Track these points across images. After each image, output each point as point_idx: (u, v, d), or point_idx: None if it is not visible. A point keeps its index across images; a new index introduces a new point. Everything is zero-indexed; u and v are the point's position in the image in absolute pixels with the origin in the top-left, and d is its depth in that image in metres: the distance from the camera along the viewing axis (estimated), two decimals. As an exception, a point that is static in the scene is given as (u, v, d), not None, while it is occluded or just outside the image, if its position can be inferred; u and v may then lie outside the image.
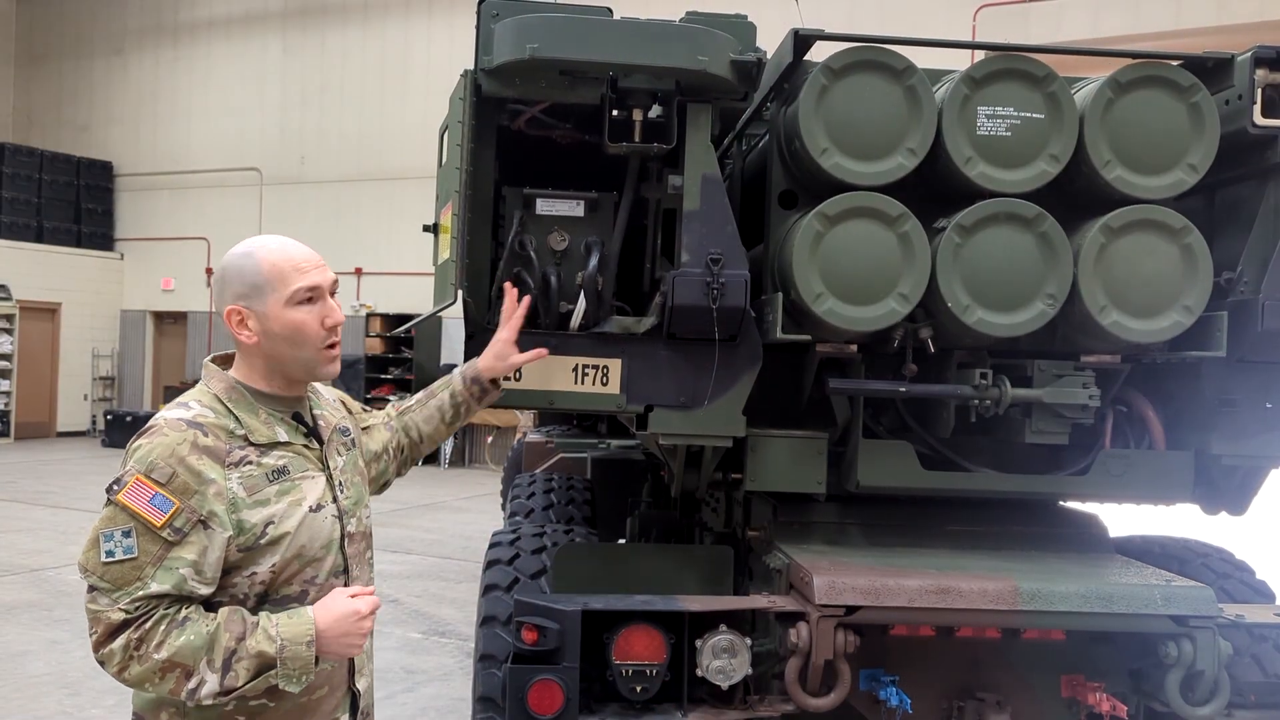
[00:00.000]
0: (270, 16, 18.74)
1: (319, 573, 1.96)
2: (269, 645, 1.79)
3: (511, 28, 2.97)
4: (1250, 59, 3.06)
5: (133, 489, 1.79)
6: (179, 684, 1.75)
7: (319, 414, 2.10)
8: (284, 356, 1.95)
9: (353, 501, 2.08)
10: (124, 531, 1.77)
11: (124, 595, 1.76)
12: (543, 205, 3.23)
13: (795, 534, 3.50)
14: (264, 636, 1.79)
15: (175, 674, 1.75)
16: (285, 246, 1.98)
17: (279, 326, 1.92)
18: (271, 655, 1.78)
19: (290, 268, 1.94)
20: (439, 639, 6.75)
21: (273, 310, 1.92)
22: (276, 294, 1.92)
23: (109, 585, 1.76)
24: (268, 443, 1.93)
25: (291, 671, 1.80)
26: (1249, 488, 3.47)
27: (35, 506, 11.43)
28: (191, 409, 1.90)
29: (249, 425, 1.92)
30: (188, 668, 1.75)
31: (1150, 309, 3.02)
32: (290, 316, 1.93)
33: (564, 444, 6.70)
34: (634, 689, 2.89)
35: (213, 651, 1.76)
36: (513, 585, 3.59)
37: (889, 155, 3.03)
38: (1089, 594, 2.92)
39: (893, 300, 2.99)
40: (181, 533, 1.79)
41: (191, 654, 1.75)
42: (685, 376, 3.14)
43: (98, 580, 1.78)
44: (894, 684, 2.94)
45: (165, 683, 1.75)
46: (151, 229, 19.67)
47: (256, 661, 1.78)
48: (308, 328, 1.94)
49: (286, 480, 1.92)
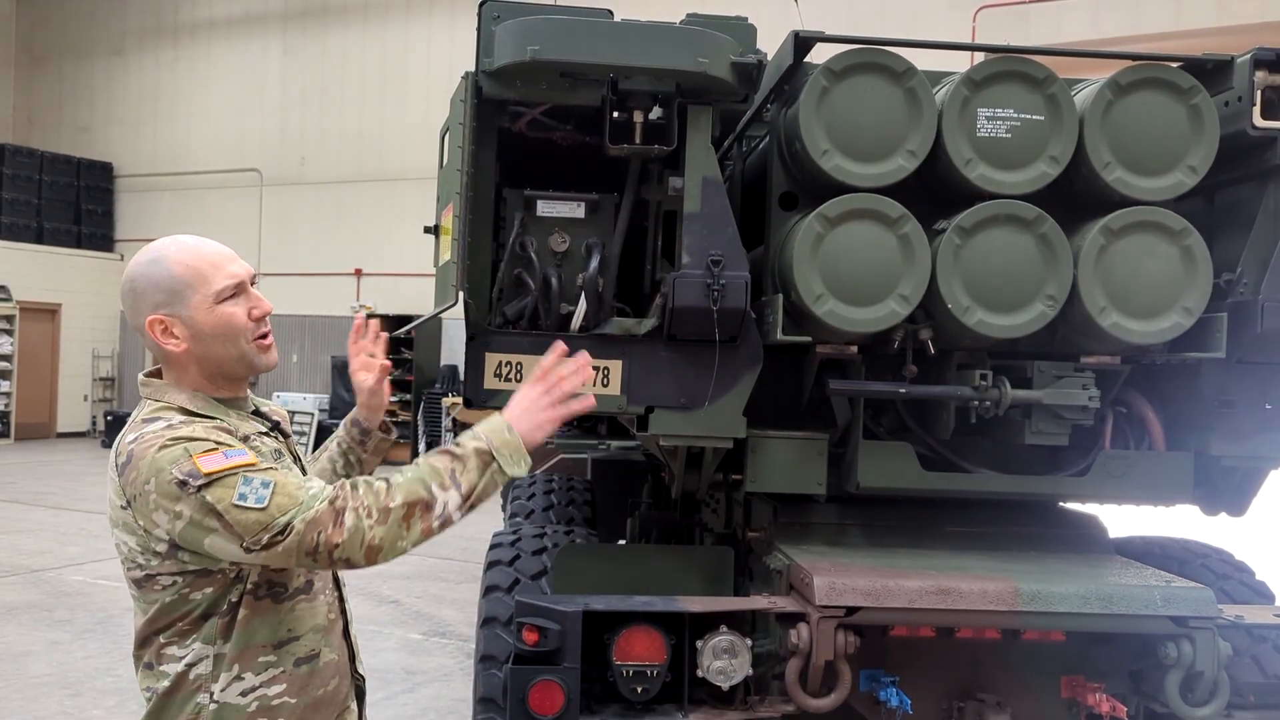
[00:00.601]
0: (270, 17, 18.75)
1: None
2: (479, 443, 1.86)
3: (512, 30, 2.97)
4: (1250, 61, 3.07)
5: (206, 461, 1.72)
6: (426, 519, 1.79)
7: (266, 410, 2.07)
8: (218, 356, 1.89)
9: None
10: (243, 481, 1.72)
11: (312, 501, 1.74)
12: (543, 207, 3.24)
13: (795, 535, 3.51)
14: (470, 440, 1.87)
15: (418, 512, 1.78)
16: (194, 246, 1.90)
17: (209, 326, 1.86)
18: (486, 449, 1.85)
19: (208, 266, 1.87)
20: (440, 640, 6.75)
21: (198, 312, 1.85)
22: (199, 294, 1.85)
23: (287, 512, 1.71)
24: (252, 433, 1.91)
25: (507, 456, 1.87)
26: (1248, 488, 3.48)
27: (35, 507, 11.43)
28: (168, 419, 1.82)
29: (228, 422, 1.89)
30: (425, 499, 1.79)
31: (1150, 310, 3.02)
32: (218, 314, 1.86)
33: (564, 445, 6.69)
34: (635, 690, 2.90)
35: (438, 476, 1.81)
36: (513, 586, 3.60)
37: (889, 157, 3.03)
38: (1089, 595, 2.92)
39: (893, 301, 2.99)
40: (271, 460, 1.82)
41: (421, 486, 1.79)
42: (686, 378, 3.14)
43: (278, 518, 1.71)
44: (894, 685, 2.94)
45: (414, 527, 1.79)
46: (152, 230, 19.61)
47: (476, 460, 1.84)
48: (237, 321, 1.88)
49: (284, 463, 1.91)
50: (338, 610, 2.04)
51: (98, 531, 9.69)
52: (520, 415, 1.92)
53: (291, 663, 1.91)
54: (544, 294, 3.17)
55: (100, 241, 19.83)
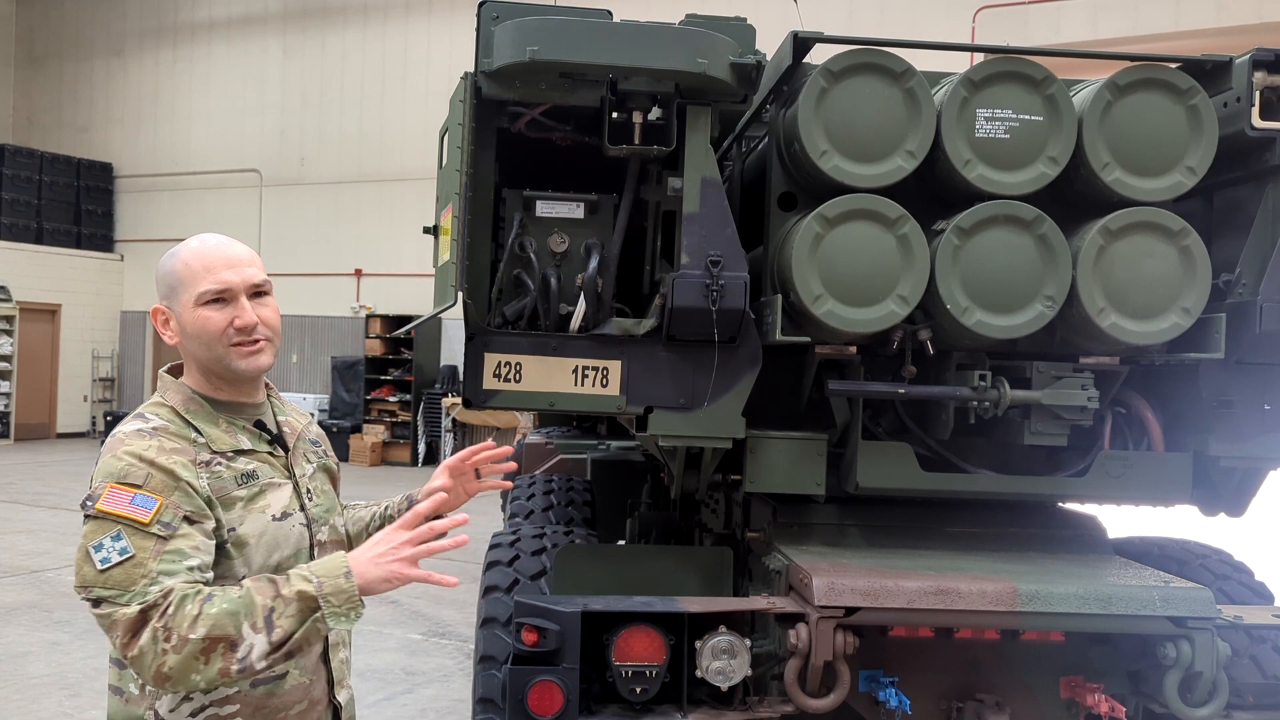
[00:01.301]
0: (270, 18, 18.75)
1: None
2: (306, 585, 1.70)
3: (511, 30, 2.97)
4: (1248, 61, 3.07)
5: (109, 496, 1.74)
6: (227, 659, 1.66)
7: (282, 420, 2.05)
8: (200, 355, 1.91)
9: (324, 509, 2.04)
10: (113, 536, 1.71)
11: (134, 596, 1.68)
12: (543, 207, 3.24)
13: (794, 535, 3.51)
14: (299, 579, 1.72)
15: (220, 649, 1.65)
16: (205, 246, 1.93)
17: (189, 326, 1.89)
18: (312, 593, 1.70)
19: (201, 267, 1.89)
20: (439, 640, 6.75)
21: (184, 310, 1.89)
22: (187, 294, 1.89)
23: (115, 590, 1.68)
24: (230, 450, 1.89)
25: (337, 607, 1.71)
26: (1247, 489, 3.48)
27: (35, 508, 11.43)
28: (150, 420, 1.86)
29: (209, 435, 1.88)
30: (231, 638, 1.65)
31: (1149, 311, 3.03)
32: (197, 316, 1.88)
33: (564, 445, 6.70)
34: (634, 690, 2.90)
35: (252, 614, 1.67)
36: (513, 586, 3.60)
37: (888, 157, 3.04)
38: (1088, 595, 2.92)
39: (892, 302, 3.00)
40: (171, 528, 1.73)
41: (230, 621, 1.66)
42: (685, 378, 3.14)
43: (101, 590, 1.69)
44: (893, 685, 2.94)
45: (212, 664, 1.65)
46: (151, 230, 19.66)
47: (298, 605, 1.69)
48: (211, 326, 1.88)
49: (254, 485, 1.89)
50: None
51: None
52: (370, 561, 1.75)
53: (248, 683, 1.84)
54: (543, 294, 3.17)
55: (100, 242, 19.84)
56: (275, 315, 1.96)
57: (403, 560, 1.76)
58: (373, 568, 1.75)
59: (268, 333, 1.93)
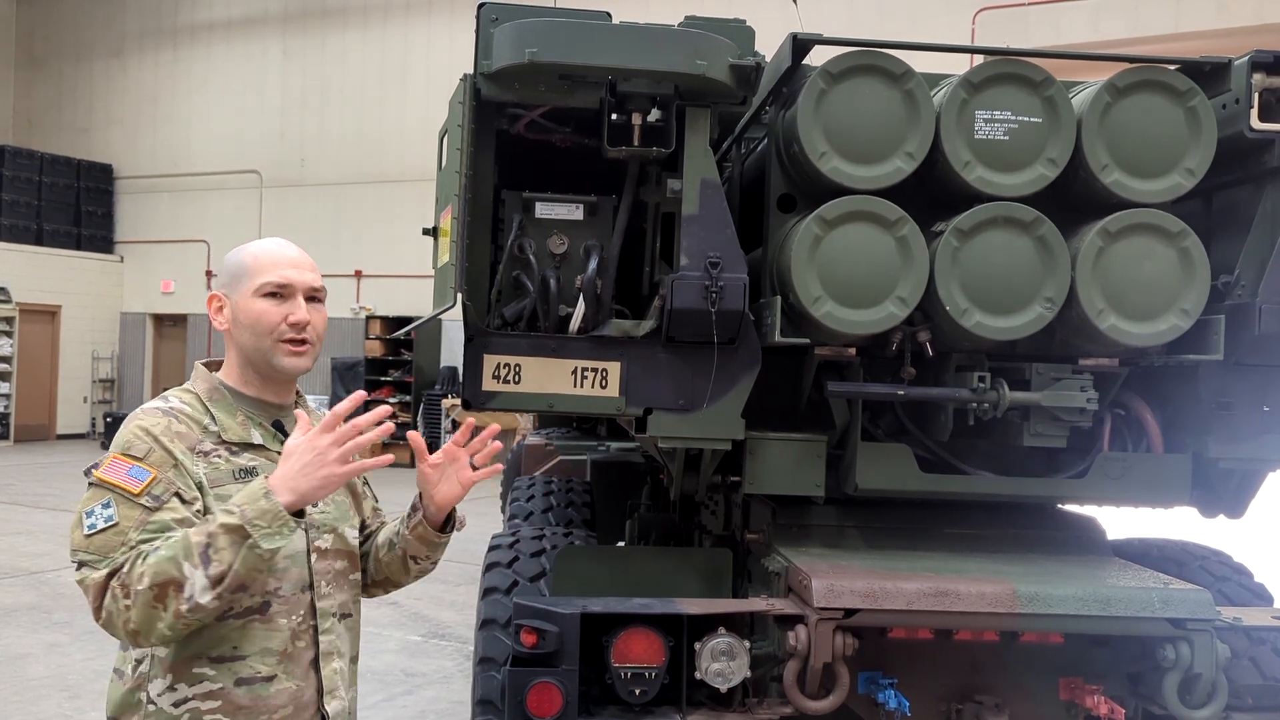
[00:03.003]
0: (270, 19, 18.76)
1: (283, 584, 1.92)
2: (230, 517, 1.73)
3: (511, 32, 2.98)
4: (1247, 63, 3.07)
5: (110, 466, 1.83)
6: (176, 601, 1.70)
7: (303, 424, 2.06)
8: (246, 345, 1.98)
9: (332, 518, 2.05)
10: (104, 504, 1.79)
11: (109, 562, 1.75)
12: (542, 209, 3.24)
13: (794, 537, 3.51)
14: (223, 514, 1.74)
15: (169, 594, 1.70)
16: (274, 246, 2.02)
17: (243, 315, 1.97)
18: (237, 523, 1.72)
19: (269, 261, 1.98)
20: (438, 642, 6.75)
21: (242, 300, 1.97)
22: (249, 284, 1.97)
23: (95, 556, 1.77)
24: (240, 442, 1.95)
25: (264, 527, 1.72)
26: (1246, 490, 3.48)
27: (35, 509, 11.43)
28: (170, 401, 1.96)
29: (223, 423, 1.95)
30: (175, 579, 1.70)
31: (1148, 312, 3.03)
32: (253, 306, 1.96)
33: (563, 447, 6.70)
34: (633, 691, 2.90)
35: (190, 554, 1.71)
36: (512, 588, 3.60)
37: (887, 159, 3.04)
38: (1087, 597, 2.92)
39: (891, 304, 3.00)
40: (160, 500, 1.80)
41: (170, 564, 1.71)
42: (684, 379, 3.14)
43: (85, 554, 1.78)
44: (892, 686, 2.94)
45: (166, 610, 1.71)
46: (151, 231, 19.68)
47: (229, 538, 1.71)
48: (267, 318, 1.95)
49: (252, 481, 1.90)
50: (309, 639, 1.96)
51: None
52: (295, 474, 1.77)
53: (231, 680, 1.86)
54: (542, 296, 3.17)
55: (100, 243, 19.85)
56: (324, 323, 2.04)
57: (332, 462, 1.79)
58: (303, 480, 1.77)
59: (314, 336, 2.00)
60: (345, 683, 2.04)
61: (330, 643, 2.00)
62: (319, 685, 1.98)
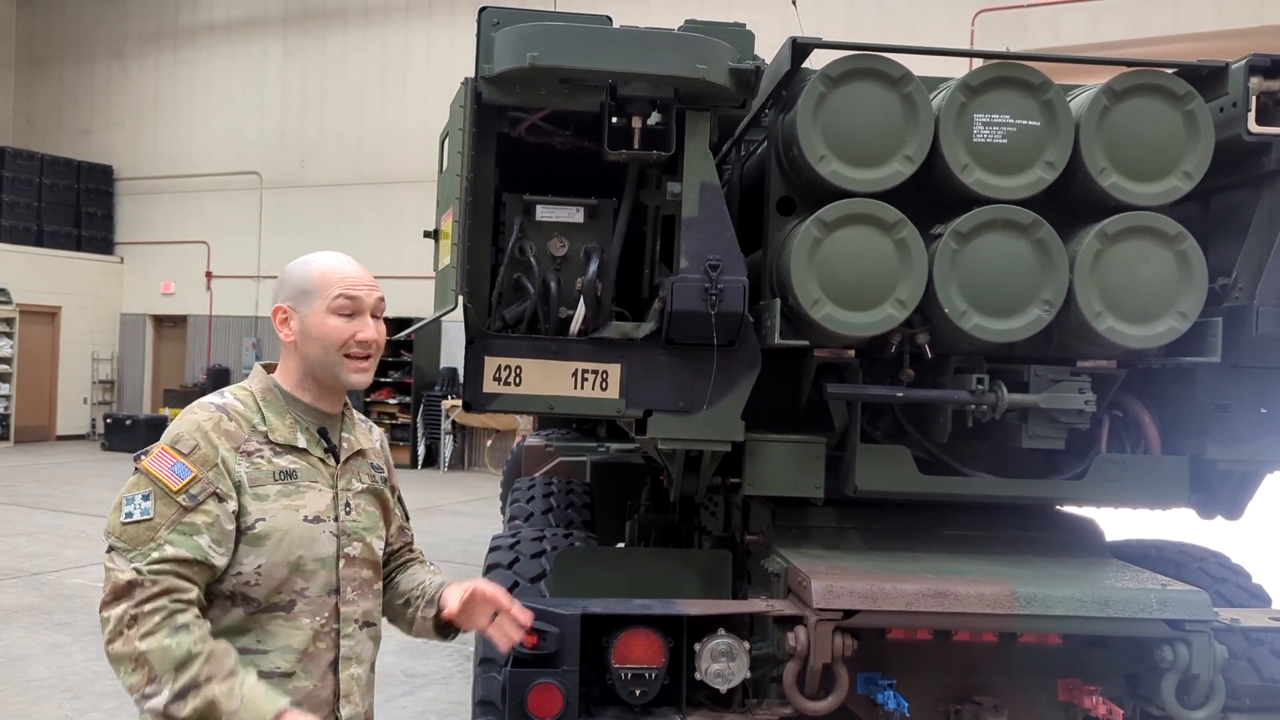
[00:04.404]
0: (270, 21, 18.76)
1: (310, 585, 1.96)
2: (229, 700, 1.77)
3: (512, 36, 2.99)
4: (1245, 67, 3.09)
5: (157, 457, 1.89)
6: (141, 683, 1.77)
7: (347, 436, 2.12)
8: (312, 358, 2.02)
9: (362, 526, 2.08)
10: (144, 495, 1.86)
11: (139, 555, 1.81)
12: (543, 211, 3.25)
13: (793, 538, 3.52)
14: (229, 689, 1.78)
15: (143, 671, 1.76)
16: (341, 262, 2.07)
17: (313, 329, 2.01)
18: (226, 710, 1.77)
19: (337, 279, 2.03)
20: (438, 642, 6.75)
21: (312, 315, 2.01)
22: (321, 300, 2.01)
23: (126, 545, 1.83)
24: (285, 444, 1.99)
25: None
26: (1244, 492, 3.49)
27: (35, 510, 11.43)
28: (225, 398, 2.01)
29: (272, 424, 1.99)
30: (154, 673, 1.76)
31: (1146, 315, 3.04)
32: (324, 322, 2.00)
33: (563, 448, 6.72)
34: (633, 692, 2.91)
35: (182, 671, 1.76)
36: (512, 589, 3.61)
37: (886, 162, 3.05)
38: (1085, 598, 2.94)
39: (890, 306, 3.01)
40: (196, 500, 1.86)
41: (164, 660, 1.76)
42: (684, 381, 3.16)
43: (116, 540, 1.84)
44: (891, 687, 2.96)
45: (134, 675, 1.77)
46: (151, 232, 19.67)
47: (209, 707, 1.76)
48: (338, 334, 2.00)
49: (291, 484, 1.97)
50: (330, 642, 2.00)
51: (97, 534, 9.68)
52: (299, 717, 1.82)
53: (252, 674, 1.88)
54: (543, 298, 3.18)
55: (100, 244, 19.84)
56: (384, 338, 2.09)
57: None
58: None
59: (375, 351, 2.06)
60: (362, 689, 2.07)
61: (351, 648, 2.04)
62: (336, 688, 2.01)
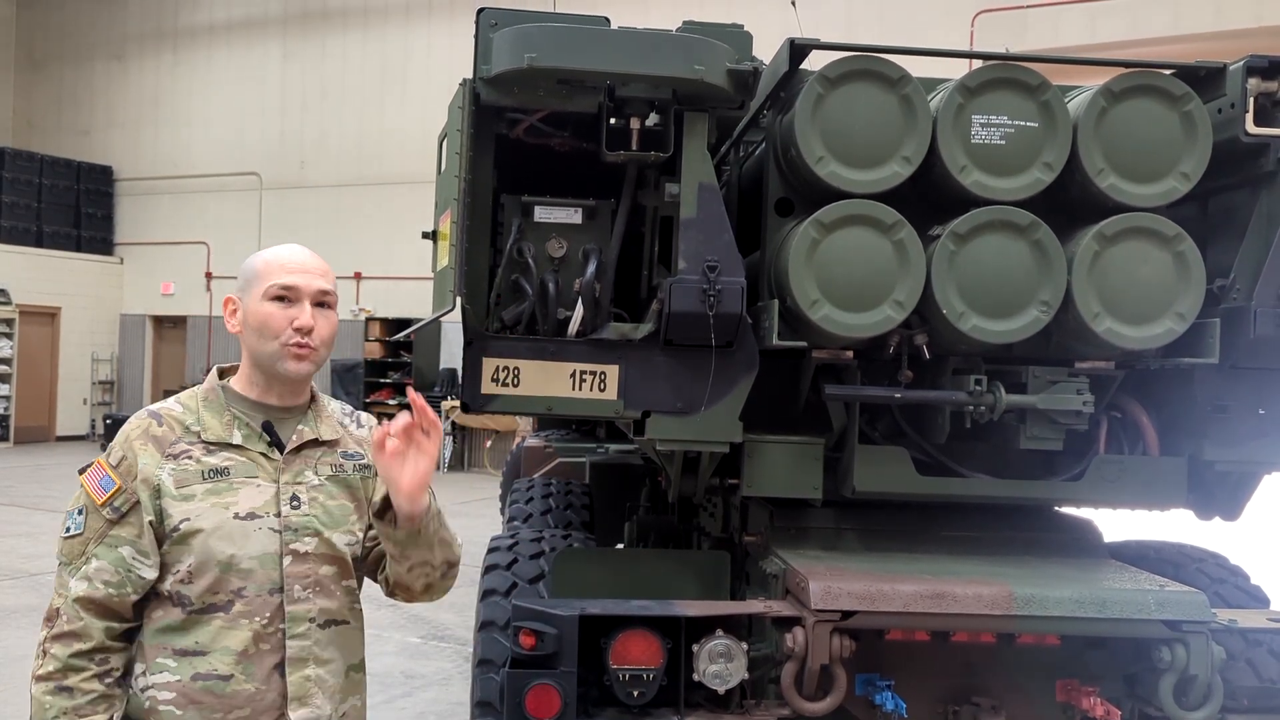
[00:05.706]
0: (270, 22, 18.77)
1: (247, 585, 1.91)
2: None
3: (510, 37, 2.99)
4: (1242, 68, 3.09)
5: (93, 470, 1.96)
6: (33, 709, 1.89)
7: (301, 428, 2.04)
8: (252, 348, 2.01)
9: (316, 522, 1.99)
10: (79, 509, 1.94)
11: (73, 570, 1.90)
12: (541, 212, 3.26)
13: (792, 539, 3.52)
14: None
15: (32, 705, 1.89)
16: (286, 250, 2.05)
17: (251, 318, 2.00)
18: None
19: (277, 267, 2.01)
20: (438, 644, 6.76)
21: (251, 303, 2.00)
22: (256, 289, 2.00)
23: (65, 559, 1.92)
24: (218, 441, 1.96)
25: None
26: (1242, 493, 3.49)
27: (35, 511, 11.44)
28: (166, 403, 2.04)
29: (206, 423, 1.98)
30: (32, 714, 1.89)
31: (1144, 316, 3.04)
32: (259, 309, 1.99)
33: (562, 449, 6.71)
34: (631, 693, 2.91)
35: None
36: (511, 590, 3.61)
37: (884, 163, 3.05)
38: (1083, 599, 2.94)
39: (888, 307, 3.01)
40: (120, 512, 1.90)
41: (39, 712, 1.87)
42: (682, 382, 3.16)
43: (59, 554, 1.93)
44: (889, 688, 2.96)
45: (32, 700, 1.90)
46: (151, 233, 19.68)
47: None
48: (272, 322, 1.97)
49: (223, 481, 1.93)
50: (275, 644, 1.93)
51: (97, 535, 9.69)
52: None
53: (189, 674, 1.88)
54: (541, 299, 3.18)
55: (100, 245, 19.84)
56: (330, 329, 2.04)
57: None
58: None
59: (318, 341, 2.01)
60: (327, 691, 1.98)
61: (304, 649, 1.95)
62: (284, 690, 1.93)
